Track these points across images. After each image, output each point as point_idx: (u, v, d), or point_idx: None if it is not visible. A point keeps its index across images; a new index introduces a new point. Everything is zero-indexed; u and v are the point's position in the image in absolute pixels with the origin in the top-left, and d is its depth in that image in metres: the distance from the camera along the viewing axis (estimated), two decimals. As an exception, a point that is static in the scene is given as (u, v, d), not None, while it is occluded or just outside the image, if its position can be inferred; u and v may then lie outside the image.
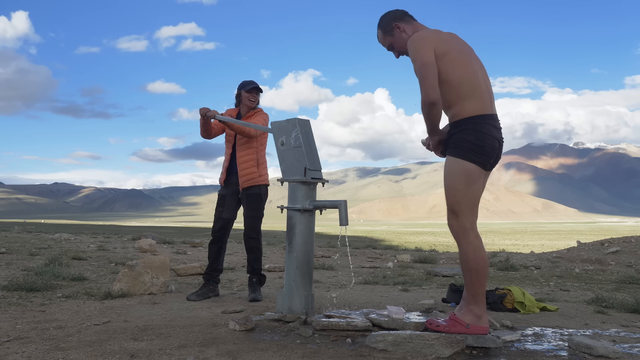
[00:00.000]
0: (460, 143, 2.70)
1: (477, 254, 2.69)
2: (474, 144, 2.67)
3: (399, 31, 2.90)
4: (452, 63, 2.70)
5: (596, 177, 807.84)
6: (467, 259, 2.70)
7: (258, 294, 4.17)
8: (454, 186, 2.71)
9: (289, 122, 3.41)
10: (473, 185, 2.70)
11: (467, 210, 2.70)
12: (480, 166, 2.71)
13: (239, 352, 2.47)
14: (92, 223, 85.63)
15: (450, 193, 2.72)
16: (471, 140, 2.67)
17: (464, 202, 2.69)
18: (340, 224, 3.19)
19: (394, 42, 2.93)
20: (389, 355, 2.46)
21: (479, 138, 2.68)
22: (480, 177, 2.73)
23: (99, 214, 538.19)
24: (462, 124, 2.71)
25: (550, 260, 8.69)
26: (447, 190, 2.74)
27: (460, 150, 2.69)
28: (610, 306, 4.19)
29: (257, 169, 4.28)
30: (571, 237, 46.02)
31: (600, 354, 2.44)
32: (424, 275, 6.57)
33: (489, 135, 2.70)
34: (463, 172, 2.68)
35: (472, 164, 2.68)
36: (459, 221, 2.70)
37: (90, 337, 2.76)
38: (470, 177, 2.68)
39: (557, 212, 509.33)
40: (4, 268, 5.77)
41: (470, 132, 2.68)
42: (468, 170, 2.68)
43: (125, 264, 4.57)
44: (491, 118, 2.74)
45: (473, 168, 2.69)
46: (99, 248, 9.10)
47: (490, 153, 2.72)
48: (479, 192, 2.75)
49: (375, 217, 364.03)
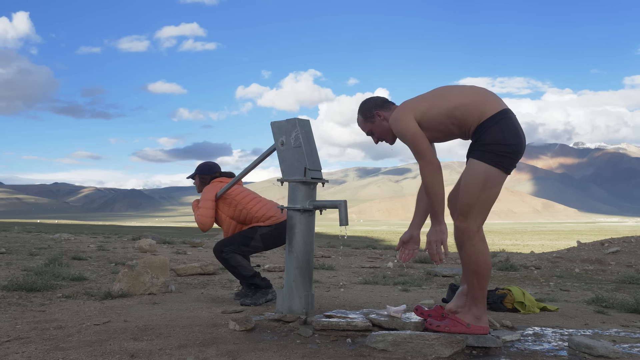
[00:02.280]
0: (484, 145, 2.62)
1: (481, 257, 2.68)
2: (500, 144, 2.59)
3: (380, 119, 2.96)
4: (440, 101, 2.74)
5: (596, 177, 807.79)
6: (471, 262, 2.69)
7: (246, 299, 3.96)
8: (469, 189, 2.66)
9: (289, 122, 3.42)
10: (490, 190, 2.63)
11: (477, 213, 2.66)
12: (503, 170, 2.63)
13: (239, 352, 2.47)
14: (92, 223, 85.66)
15: (465, 195, 2.68)
16: (497, 140, 2.59)
17: (476, 205, 2.65)
18: (340, 224, 3.19)
19: (373, 129, 2.99)
20: (389, 355, 2.46)
21: (505, 137, 2.60)
22: (500, 182, 2.66)
23: (98, 214, 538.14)
24: (485, 125, 2.63)
25: (550, 260, 8.69)
26: (462, 191, 2.72)
27: (483, 152, 2.62)
28: (610, 306, 4.19)
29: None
30: (571, 237, 46.00)
31: (600, 354, 2.44)
32: (424, 275, 6.57)
33: (512, 133, 2.63)
34: (482, 176, 2.62)
35: (494, 167, 2.61)
36: (466, 223, 2.68)
37: (90, 337, 2.76)
38: (488, 182, 2.62)
39: (557, 212, 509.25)
40: (4, 268, 5.77)
41: (495, 131, 2.60)
42: (488, 175, 2.62)
43: (125, 264, 4.57)
44: (506, 113, 2.67)
45: (494, 172, 2.62)
46: (99, 248, 9.10)
47: (516, 152, 2.64)
48: (494, 197, 2.67)
49: (375, 217, 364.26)
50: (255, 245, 4.03)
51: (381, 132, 2.99)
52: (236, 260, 4.00)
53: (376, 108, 2.98)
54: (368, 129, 3.02)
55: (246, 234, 4.05)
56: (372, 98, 3.06)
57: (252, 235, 4.02)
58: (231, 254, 4.00)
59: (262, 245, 4.05)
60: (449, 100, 2.74)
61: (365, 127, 3.03)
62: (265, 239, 4.03)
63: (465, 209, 2.68)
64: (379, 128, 2.98)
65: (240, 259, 4.01)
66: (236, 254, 4.00)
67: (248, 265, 4.03)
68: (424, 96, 2.86)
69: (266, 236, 4.03)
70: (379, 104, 3.00)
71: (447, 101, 2.74)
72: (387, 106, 2.99)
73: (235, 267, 4.01)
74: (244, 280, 4.06)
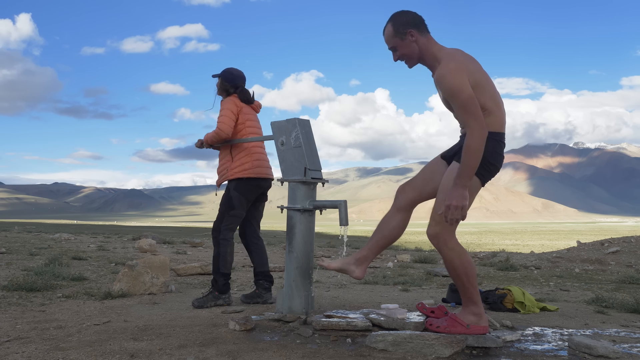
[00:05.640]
0: None
1: (462, 258, 2.69)
2: (487, 161, 2.62)
3: (411, 39, 2.70)
4: (482, 90, 2.63)
5: (596, 177, 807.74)
6: (455, 266, 2.70)
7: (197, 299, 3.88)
8: None
9: (289, 122, 3.42)
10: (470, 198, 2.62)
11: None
12: (482, 182, 2.70)
13: (239, 352, 2.47)
14: (92, 223, 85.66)
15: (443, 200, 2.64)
16: (486, 156, 2.59)
17: None
18: (340, 224, 3.19)
19: (399, 46, 2.73)
20: (389, 355, 2.46)
21: (493, 156, 2.66)
22: (477, 192, 2.71)
23: (99, 214, 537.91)
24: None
25: (550, 260, 8.68)
26: (442, 196, 2.67)
27: None
28: (610, 306, 4.19)
29: (230, 163, 3.98)
30: (571, 237, 46.01)
31: (600, 354, 2.44)
32: (424, 275, 6.57)
33: (500, 156, 2.71)
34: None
35: (476, 177, 2.65)
36: (439, 229, 2.67)
37: (90, 337, 2.76)
38: (470, 189, 2.61)
39: (557, 212, 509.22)
40: (4, 268, 5.77)
41: (490, 146, 2.60)
42: (471, 183, 2.62)
43: (125, 264, 4.57)
44: (504, 137, 2.72)
45: (476, 182, 2.66)
46: (99, 248, 9.10)
47: (494, 172, 2.72)
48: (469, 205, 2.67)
49: (375, 217, 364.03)
50: (237, 202, 3.93)
51: (407, 52, 2.73)
52: (225, 250, 3.92)
53: (412, 26, 2.69)
54: (394, 44, 2.74)
55: (223, 199, 3.99)
56: (409, 12, 2.74)
57: (228, 195, 3.96)
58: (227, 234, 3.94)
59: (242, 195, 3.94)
60: (486, 91, 2.64)
61: (391, 41, 2.74)
62: (239, 189, 3.93)
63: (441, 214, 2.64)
64: (406, 48, 2.71)
65: (230, 251, 3.95)
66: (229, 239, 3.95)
67: (230, 264, 3.95)
68: (475, 67, 2.66)
69: (238, 186, 3.93)
70: (416, 22, 2.70)
71: (485, 91, 2.63)
72: (424, 29, 2.71)
73: (220, 256, 3.91)
74: (217, 274, 3.92)
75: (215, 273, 3.94)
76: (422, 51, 2.72)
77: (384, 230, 2.92)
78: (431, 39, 2.74)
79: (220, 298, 3.90)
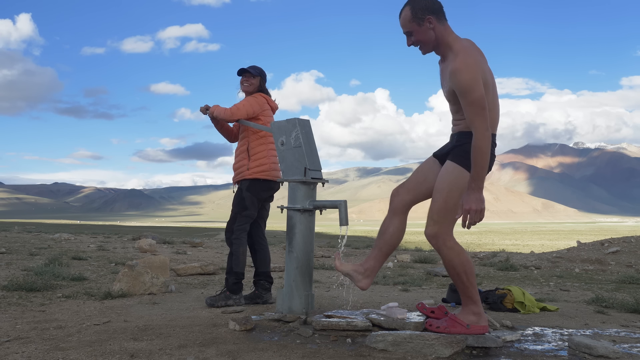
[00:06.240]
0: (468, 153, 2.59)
1: (461, 257, 2.70)
2: None
3: (429, 26, 2.63)
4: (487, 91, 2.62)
5: (596, 177, 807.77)
6: (454, 265, 2.70)
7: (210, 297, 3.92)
8: (450, 195, 2.66)
9: (289, 122, 3.42)
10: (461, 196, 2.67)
11: (451, 219, 2.68)
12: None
13: (239, 352, 2.47)
14: (92, 223, 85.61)
15: (442, 200, 2.67)
16: None
17: (451, 210, 2.67)
18: (340, 224, 3.19)
19: (415, 32, 2.66)
20: (389, 355, 2.46)
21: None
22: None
23: (99, 214, 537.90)
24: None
25: (550, 260, 8.68)
26: (439, 196, 2.68)
27: (466, 160, 2.63)
28: (610, 306, 4.19)
29: (247, 161, 3.98)
30: (571, 237, 46.01)
31: (600, 354, 2.44)
32: (424, 275, 6.57)
33: (493, 156, 2.71)
34: (463, 184, 2.63)
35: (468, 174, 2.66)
36: (440, 229, 2.68)
37: (90, 337, 2.76)
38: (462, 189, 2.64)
39: (557, 212, 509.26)
40: (4, 268, 5.76)
41: None
42: (463, 182, 2.64)
43: (125, 264, 4.57)
44: (495, 138, 2.73)
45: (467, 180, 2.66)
46: (99, 248, 9.09)
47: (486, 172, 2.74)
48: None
49: (375, 217, 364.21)
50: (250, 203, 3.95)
51: (423, 39, 2.67)
52: (238, 250, 3.93)
53: (431, 12, 2.62)
54: (410, 28, 2.67)
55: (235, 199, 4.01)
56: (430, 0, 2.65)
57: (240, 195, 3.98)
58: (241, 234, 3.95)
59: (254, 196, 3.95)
60: (490, 92, 2.64)
61: (407, 25, 2.67)
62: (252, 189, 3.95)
63: (440, 214, 2.67)
64: (422, 34, 2.65)
65: (243, 251, 3.96)
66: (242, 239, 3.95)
67: (243, 263, 3.96)
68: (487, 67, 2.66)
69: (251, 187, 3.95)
70: (435, 9, 2.64)
71: (489, 91, 2.63)
72: (442, 17, 2.66)
73: (233, 256, 3.92)
74: (229, 273, 3.94)
75: (227, 272, 3.98)
76: (439, 39, 2.67)
77: (385, 235, 2.95)
78: (448, 27, 2.68)
79: (231, 298, 3.92)
